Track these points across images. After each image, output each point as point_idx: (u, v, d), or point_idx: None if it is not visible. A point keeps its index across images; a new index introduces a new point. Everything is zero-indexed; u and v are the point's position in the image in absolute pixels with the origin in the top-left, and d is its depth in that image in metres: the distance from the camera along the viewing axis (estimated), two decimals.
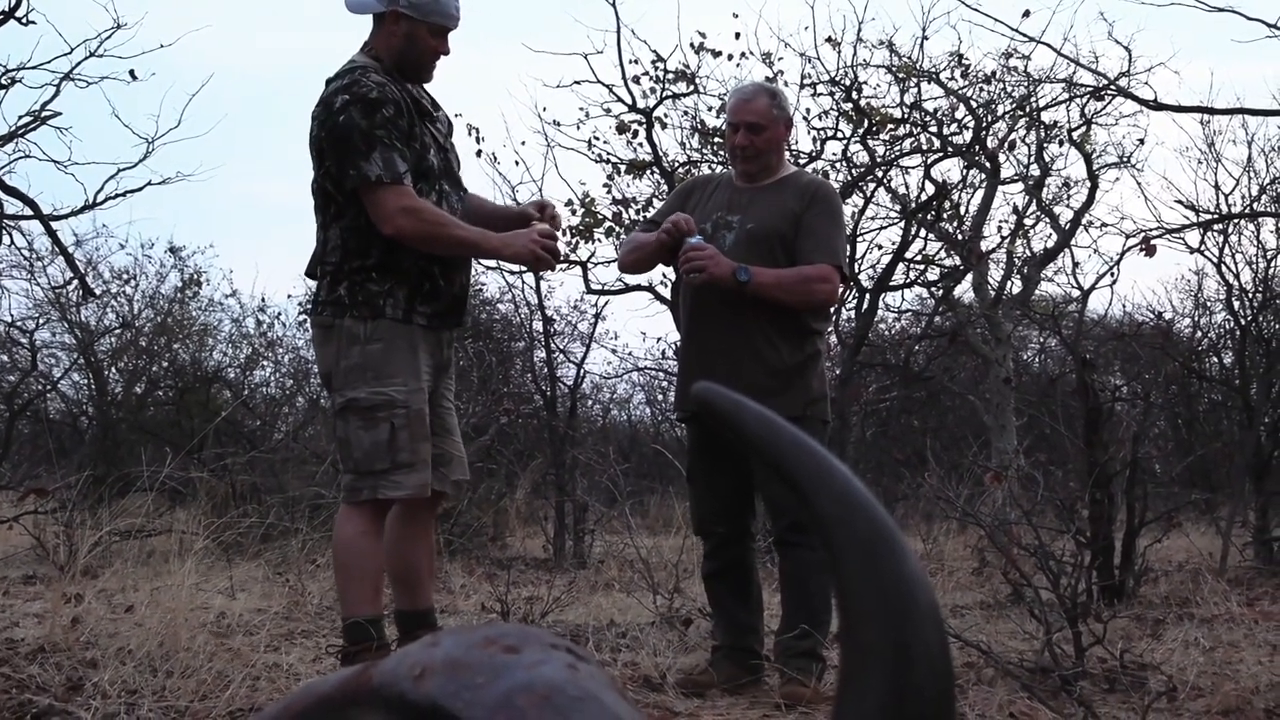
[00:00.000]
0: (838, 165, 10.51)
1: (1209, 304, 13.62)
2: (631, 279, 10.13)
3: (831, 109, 10.35)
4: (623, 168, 10.32)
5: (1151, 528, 7.11)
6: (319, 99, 3.88)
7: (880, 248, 11.59)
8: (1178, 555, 8.71)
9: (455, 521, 8.90)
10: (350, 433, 3.84)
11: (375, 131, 3.74)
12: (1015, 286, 11.84)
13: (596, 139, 10.39)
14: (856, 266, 10.97)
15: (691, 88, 10.12)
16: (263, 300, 16.01)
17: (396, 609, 4.07)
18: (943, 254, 11.43)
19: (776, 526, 4.42)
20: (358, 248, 3.83)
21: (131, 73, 10.12)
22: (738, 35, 12.94)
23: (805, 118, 10.39)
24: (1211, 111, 9.16)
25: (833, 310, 4.54)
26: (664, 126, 10.18)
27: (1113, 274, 12.16)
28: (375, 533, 3.85)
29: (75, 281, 12.05)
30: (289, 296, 23.79)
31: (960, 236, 10.98)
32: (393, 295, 3.82)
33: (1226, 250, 10.90)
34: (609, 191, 10.43)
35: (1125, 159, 11.53)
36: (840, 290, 4.34)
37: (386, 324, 3.81)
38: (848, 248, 4.48)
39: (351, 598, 3.83)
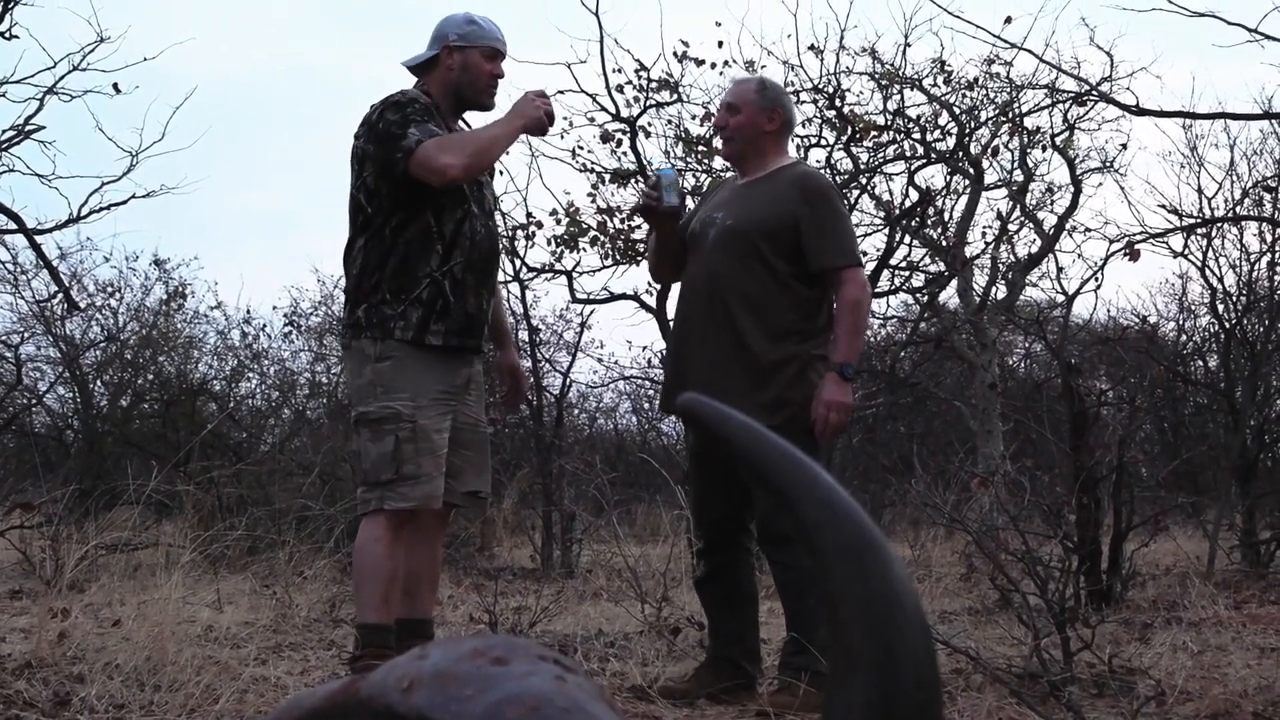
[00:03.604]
0: (822, 173, 10.52)
1: (1193, 307, 13.67)
2: (617, 287, 10.16)
3: (815, 116, 10.37)
4: (607, 177, 10.32)
5: (1138, 532, 7.11)
6: (362, 119, 4.10)
7: (865, 254, 11.61)
8: (1165, 559, 8.73)
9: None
10: (362, 445, 4.04)
11: (409, 118, 3.97)
12: (1000, 292, 11.87)
13: (580, 148, 10.40)
14: None
15: (675, 96, 10.12)
16: (248, 312, 15.93)
17: (396, 615, 4.09)
18: (927, 260, 11.46)
19: (760, 540, 4.40)
20: (377, 258, 4.01)
21: (115, 86, 10.07)
22: (721, 44, 13.00)
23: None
24: (1193, 116, 9.20)
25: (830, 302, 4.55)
26: (648, 135, 10.19)
27: (1097, 278, 12.20)
28: (388, 540, 3.94)
29: (60, 295, 12.01)
30: (274, 308, 23.80)
31: (945, 242, 11.01)
32: (404, 318, 3.98)
33: (1210, 254, 10.93)
34: (593, 201, 10.43)
35: (1108, 164, 11.58)
36: (866, 277, 4.45)
37: (395, 344, 3.97)
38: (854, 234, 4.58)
39: (361, 602, 3.98)
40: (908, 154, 10.71)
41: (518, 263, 10.54)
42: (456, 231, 4.05)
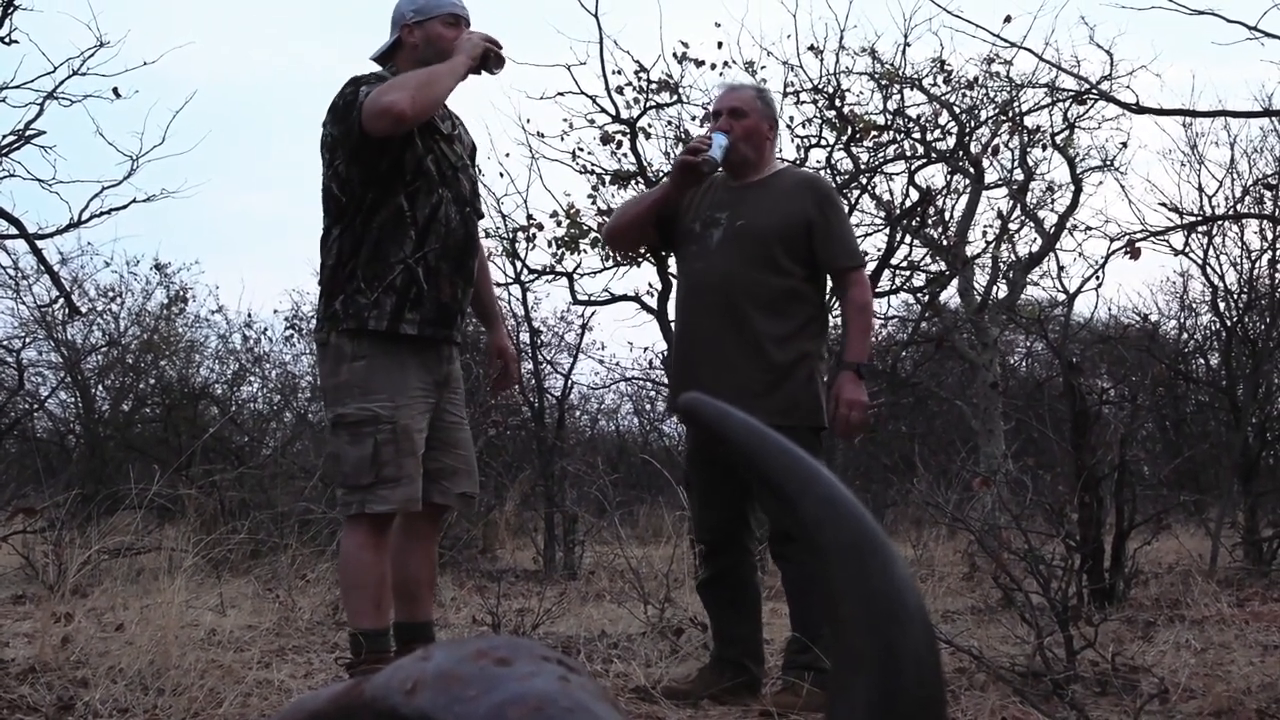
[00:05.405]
0: (822, 173, 10.52)
1: (1194, 306, 13.65)
2: (618, 289, 10.14)
3: (815, 117, 10.37)
4: (607, 178, 10.32)
5: (1141, 530, 7.10)
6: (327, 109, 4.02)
7: (866, 254, 11.59)
8: (1167, 557, 8.72)
9: (445, 534, 8.89)
10: (340, 447, 3.93)
11: (360, 83, 3.89)
12: (1001, 291, 11.87)
13: (581, 150, 10.39)
14: None
15: (675, 97, 10.12)
16: (249, 316, 15.95)
17: (395, 620, 4.07)
18: (928, 260, 11.45)
19: (770, 539, 4.42)
20: (351, 246, 3.91)
21: (115, 90, 10.07)
22: (720, 44, 12.97)
23: (789, 126, 10.41)
24: (1193, 114, 9.20)
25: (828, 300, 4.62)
26: (648, 136, 10.18)
27: (1098, 277, 12.22)
28: (374, 546, 3.87)
29: (61, 300, 11.99)
30: (275, 311, 23.77)
31: (945, 242, 11.00)
32: (378, 306, 3.87)
33: (1211, 252, 10.92)
34: (594, 202, 10.43)
35: (1108, 162, 11.57)
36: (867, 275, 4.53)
37: (370, 340, 3.87)
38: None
39: (352, 610, 3.92)
40: (908, 154, 10.70)
41: (519, 265, 10.55)
42: (431, 217, 3.94)
